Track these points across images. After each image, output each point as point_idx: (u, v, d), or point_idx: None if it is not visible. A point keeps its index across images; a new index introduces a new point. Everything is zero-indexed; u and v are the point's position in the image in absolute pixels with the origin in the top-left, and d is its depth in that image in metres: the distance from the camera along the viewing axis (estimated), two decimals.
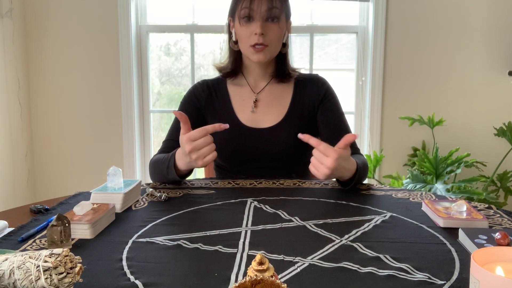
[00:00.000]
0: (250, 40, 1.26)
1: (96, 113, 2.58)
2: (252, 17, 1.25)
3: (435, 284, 0.67)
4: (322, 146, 1.05)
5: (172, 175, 1.17)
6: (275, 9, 1.24)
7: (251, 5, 1.23)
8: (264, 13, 1.24)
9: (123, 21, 2.47)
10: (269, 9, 1.23)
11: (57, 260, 0.59)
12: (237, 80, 1.41)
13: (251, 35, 1.25)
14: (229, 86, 1.41)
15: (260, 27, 1.23)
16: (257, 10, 1.23)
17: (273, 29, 1.26)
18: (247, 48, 1.29)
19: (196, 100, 1.38)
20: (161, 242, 0.83)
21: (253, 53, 1.28)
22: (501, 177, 2.35)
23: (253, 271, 0.57)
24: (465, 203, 0.95)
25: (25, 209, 1.05)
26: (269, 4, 1.23)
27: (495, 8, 2.41)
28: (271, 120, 1.35)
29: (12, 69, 2.41)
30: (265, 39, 1.25)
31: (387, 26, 2.45)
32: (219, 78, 1.42)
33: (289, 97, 1.38)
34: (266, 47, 1.27)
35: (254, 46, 1.26)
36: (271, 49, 1.28)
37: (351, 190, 1.17)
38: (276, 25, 1.26)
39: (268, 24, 1.25)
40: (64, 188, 2.60)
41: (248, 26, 1.26)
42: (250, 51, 1.28)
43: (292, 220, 0.95)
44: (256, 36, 1.24)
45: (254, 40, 1.25)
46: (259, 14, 1.23)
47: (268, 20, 1.25)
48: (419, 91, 2.50)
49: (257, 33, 1.23)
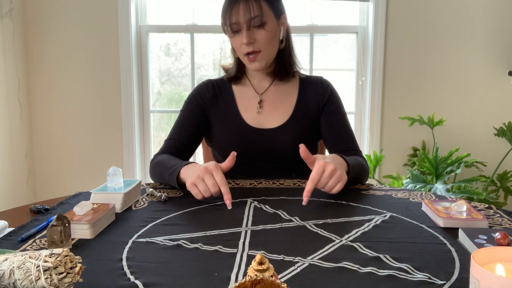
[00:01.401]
0: (242, 49, 1.27)
1: (96, 113, 2.58)
2: (239, 29, 1.25)
3: (435, 284, 0.67)
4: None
5: (173, 183, 1.16)
6: (256, 18, 1.23)
7: (231, 19, 1.24)
8: (245, 23, 1.24)
9: (123, 21, 2.48)
10: (250, 19, 1.23)
11: (57, 260, 0.59)
12: (241, 81, 1.41)
13: (241, 45, 1.27)
14: (234, 86, 1.40)
15: (245, 37, 1.24)
16: (241, 22, 1.24)
17: (261, 34, 1.26)
18: (242, 57, 1.31)
19: (201, 100, 1.38)
20: (161, 242, 0.83)
21: (248, 62, 1.29)
22: (501, 177, 2.35)
23: (253, 271, 0.57)
24: (465, 203, 0.95)
25: (25, 209, 1.05)
26: (248, 16, 1.23)
27: (495, 8, 2.41)
28: (277, 121, 1.35)
29: (12, 69, 2.41)
30: (255, 46, 1.26)
31: (387, 26, 2.45)
32: (224, 78, 1.42)
33: (294, 98, 1.38)
34: (259, 53, 1.27)
35: (247, 55, 1.27)
36: (265, 53, 1.28)
37: (351, 190, 1.17)
38: (262, 30, 1.25)
39: (255, 30, 1.25)
40: (64, 188, 2.60)
41: (236, 37, 1.27)
42: (245, 61, 1.30)
43: (292, 220, 0.95)
44: (245, 46, 1.25)
45: (245, 49, 1.26)
46: (244, 25, 1.24)
47: (254, 27, 1.25)
48: (419, 91, 2.50)
49: (244, 42, 1.25)
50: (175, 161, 1.21)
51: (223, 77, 1.43)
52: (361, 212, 1.00)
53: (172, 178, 1.15)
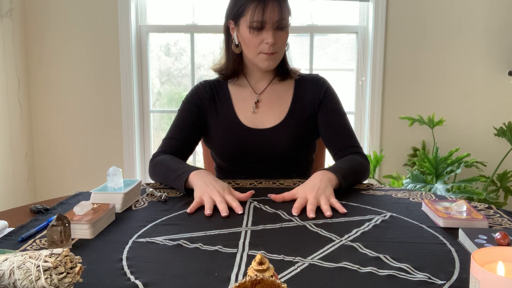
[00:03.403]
0: (260, 48, 1.27)
1: (96, 113, 2.58)
2: (264, 27, 1.25)
3: (435, 284, 0.67)
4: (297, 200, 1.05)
5: (178, 187, 1.16)
6: (283, 20, 1.25)
7: (263, 16, 1.23)
8: (275, 24, 1.24)
9: (123, 21, 2.47)
10: (280, 20, 1.24)
11: (57, 260, 0.59)
12: (239, 81, 1.40)
13: (261, 43, 1.26)
14: (230, 87, 1.40)
15: (272, 37, 1.24)
16: (269, 22, 1.23)
17: (282, 36, 1.27)
18: (255, 55, 1.29)
19: (199, 100, 1.38)
20: (161, 242, 0.83)
21: (263, 60, 1.28)
22: (501, 177, 2.35)
23: (253, 271, 0.57)
24: (465, 203, 0.95)
25: (25, 209, 1.05)
26: (280, 16, 1.24)
27: (495, 8, 2.41)
28: (272, 121, 1.35)
29: (12, 69, 2.41)
30: (275, 47, 1.26)
31: (387, 26, 2.45)
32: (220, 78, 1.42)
33: (290, 97, 1.38)
34: (275, 54, 1.28)
35: (266, 54, 1.27)
36: (279, 55, 1.30)
37: (351, 190, 1.17)
38: (285, 33, 1.28)
39: (277, 32, 1.26)
40: (64, 188, 2.60)
41: (258, 35, 1.26)
42: (259, 58, 1.29)
43: (292, 220, 0.95)
44: (267, 46, 1.25)
45: (265, 48, 1.26)
46: (270, 25, 1.24)
47: (277, 29, 1.26)
48: (419, 91, 2.50)
49: (268, 42, 1.24)
50: (179, 164, 1.21)
51: (219, 78, 1.42)
52: (361, 212, 1.00)
53: (179, 182, 1.14)
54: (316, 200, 1.02)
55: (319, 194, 1.04)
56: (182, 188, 1.13)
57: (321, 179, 1.10)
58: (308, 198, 1.03)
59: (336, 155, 1.34)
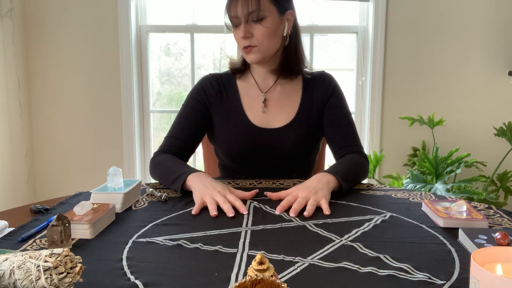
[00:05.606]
0: (241, 43, 1.28)
1: (96, 113, 2.58)
2: (236, 23, 1.26)
3: (435, 284, 0.67)
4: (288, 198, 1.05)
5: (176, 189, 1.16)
6: (253, 13, 1.23)
7: (231, 13, 1.26)
8: (247, 16, 1.24)
9: (123, 21, 2.48)
10: (248, 14, 1.24)
11: (57, 260, 0.59)
12: (246, 78, 1.39)
13: (240, 39, 1.27)
14: (238, 83, 1.38)
15: (242, 31, 1.24)
16: (237, 16, 1.25)
17: (258, 29, 1.25)
18: (241, 50, 1.30)
19: (205, 95, 1.35)
20: (161, 242, 0.83)
21: (245, 54, 1.29)
22: (501, 177, 2.35)
23: (253, 271, 0.57)
24: (465, 203, 0.95)
25: (25, 209, 1.05)
26: (246, 10, 1.23)
27: (495, 8, 2.41)
28: (281, 120, 1.33)
29: (12, 69, 2.41)
30: (252, 40, 1.26)
31: (387, 26, 2.45)
32: (228, 73, 1.40)
33: (299, 96, 1.36)
34: (255, 47, 1.26)
35: (245, 48, 1.27)
36: (261, 48, 1.27)
37: (351, 190, 1.17)
38: (259, 25, 1.25)
39: (253, 25, 1.25)
40: (64, 188, 2.60)
41: (236, 31, 1.28)
42: (243, 53, 1.30)
43: (292, 220, 0.95)
44: (243, 40, 1.26)
45: (243, 43, 1.27)
46: (240, 20, 1.25)
47: (253, 22, 1.25)
48: (419, 91, 2.50)
49: (240, 36, 1.25)
50: (179, 165, 1.21)
51: (227, 72, 1.41)
52: (361, 212, 1.00)
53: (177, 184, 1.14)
54: (305, 200, 1.02)
55: (310, 194, 1.04)
56: (179, 190, 1.13)
57: (318, 180, 1.10)
58: (298, 197, 1.03)
59: (336, 152, 1.33)
